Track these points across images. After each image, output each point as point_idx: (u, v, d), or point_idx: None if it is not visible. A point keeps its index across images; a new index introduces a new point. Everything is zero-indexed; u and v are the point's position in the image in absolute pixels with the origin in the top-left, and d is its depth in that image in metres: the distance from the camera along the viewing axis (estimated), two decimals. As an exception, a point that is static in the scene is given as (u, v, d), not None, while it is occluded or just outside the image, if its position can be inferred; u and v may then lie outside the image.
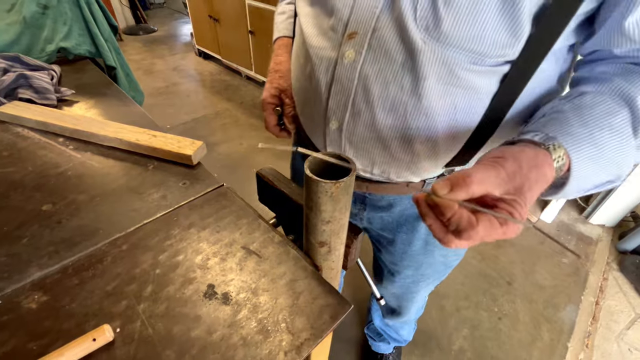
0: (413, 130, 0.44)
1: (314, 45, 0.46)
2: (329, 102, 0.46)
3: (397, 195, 0.56)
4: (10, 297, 0.40)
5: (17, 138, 0.66)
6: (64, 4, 0.93)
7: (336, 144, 0.50)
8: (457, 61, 0.38)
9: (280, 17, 0.66)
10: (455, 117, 0.42)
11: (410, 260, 0.66)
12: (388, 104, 0.42)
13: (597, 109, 0.34)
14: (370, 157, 0.49)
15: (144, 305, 0.40)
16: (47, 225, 0.49)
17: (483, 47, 0.36)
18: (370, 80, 0.42)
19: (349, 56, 0.42)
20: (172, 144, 0.62)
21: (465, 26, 0.35)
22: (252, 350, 0.36)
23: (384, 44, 0.39)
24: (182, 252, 0.46)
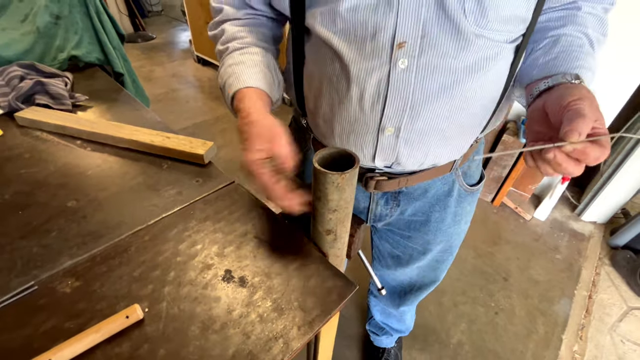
0: (466, 111, 0.49)
1: (360, 64, 0.46)
2: (385, 111, 0.48)
3: (430, 180, 0.62)
4: (46, 283, 0.44)
5: (37, 141, 0.70)
6: (75, 14, 0.98)
7: (390, 148, 0.53)
8: (499, 42, 0.45)
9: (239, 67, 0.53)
10: (492, 88, 0.50)
11: (443, 235, 0.71)
12: (446, 95, 0.47)
13: (574, 46, 0.46)
14: (426, 150, 0.53)
15: (169, 288, 0.44)
16: (73, 220, 0.53)
17: (514, 25, 0.44)
18: (426, 80, 0.46)
19: (403, 64, 0.45)
20: (184, 145, 0.66)
21: (502, 11, 0.42)
22: (269, 325, 0.40)
23: (436, 44, 0.43)
24: (200, 242, 0.50)
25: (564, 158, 0.37)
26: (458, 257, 1.62)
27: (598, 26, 0.49)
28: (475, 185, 0.69)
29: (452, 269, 1.57)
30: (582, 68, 0.43)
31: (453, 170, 0.62)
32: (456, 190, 0.65)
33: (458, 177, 0.64)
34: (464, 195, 0.68)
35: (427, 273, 0.86)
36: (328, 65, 0.50)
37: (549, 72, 0.45)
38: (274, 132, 0.45)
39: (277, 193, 0.43)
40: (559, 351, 1.29)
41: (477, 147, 0.64)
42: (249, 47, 0.55)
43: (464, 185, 0.66)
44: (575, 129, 0.35)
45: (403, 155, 0.53)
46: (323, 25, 0.47)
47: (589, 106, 0.36)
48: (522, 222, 1.84)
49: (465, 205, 0.69)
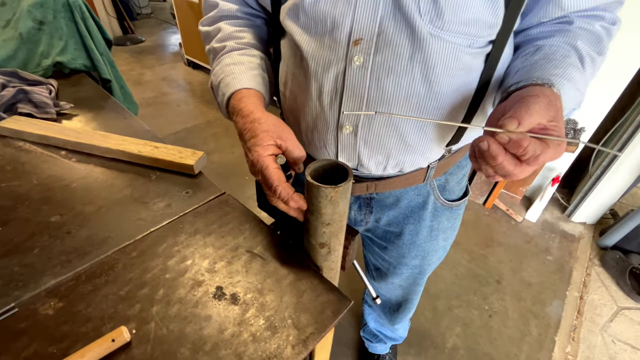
0: (426, 116, 0.48)
1: (317, 58, 0.47)
2: (342, 108, 0.48)
3: (403, 189, 0.60)
4: (27, 305, 0.42)
5: (20, 152, 0.67)
6: (60, 20, 0.95)
7: (350, 147, 0.52)
8: (458, 46, 0.43)
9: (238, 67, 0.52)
10: (458, 96, 0.48)
11: (418, 249, 0.69)
12: (402, 96, 0.46)
13: (557, 55, 0.44)
14: (386, 153, 0.52)
15: (157, 307, 0.42)
16: (57, 236, 0.51)
17: (476, 29, 0.43)
18: (382, 79, 0.45)
19: (358, 61, 0.44)
20: (173, 155, 0.64)
21: (462, 13, 0.41)
22: (262, 345, 0.39)
23: (391, 43, 0.43)
24: (190, 257, 0.49)
25: (499, 150, 0.34)
26: (452, 261, 1.63)
27: (592, 43, 0.46)
28: (455, 201, 0.66)
29: (447, 272, 1.58)
30: (558, 77, 0.41)
31: (427, 182, 0.60)
32: (431, 203, 0.63)
33: (433, 189, 0.62)
34: (442, 210, 0.65)
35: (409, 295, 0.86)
36: (294, 60, 0.51)
37: (522, 77, 0.42)
38: (281, 128, 0.45)
39: (286, 192, 0.42)
40: (552, 353, 1.30)
41: (456, 160, 0.62)
42: (248, 48, 0.55)
43: (441, 199, 0.64)
44: (515, 117, 0.33)
45: (364, 155, 0.52)
46: (289, 19, 0.49)
47: (544, 104, 0.34)
48: (514, 224, 1.86)
49: (442, 220, 0.66)
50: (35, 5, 0.90)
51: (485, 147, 0.34)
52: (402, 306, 0.91)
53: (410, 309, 0.92)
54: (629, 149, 1.57)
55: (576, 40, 0.45)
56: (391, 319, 0.98)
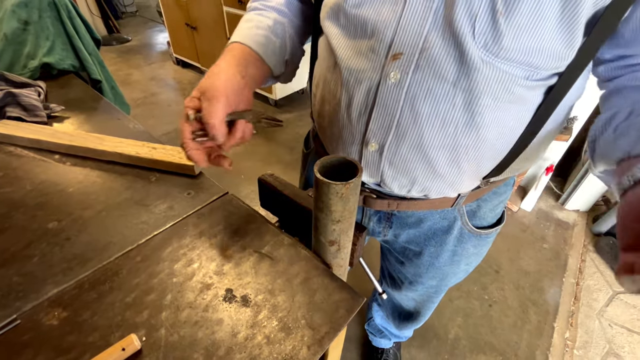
0: (461, 147, 0.43)
1: (351, 68, 0.43)
2: (369, 125, 0.44)
3: (427, 211, 0.56)
4: (30, 316, 0.40)
5: (11, 157, 0.65)
6: (46, 19, 0.92)
7: (374, 165, 0.48)
8: (513, 77, 0.37)
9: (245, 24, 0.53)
10: (503, 131, 0.42)
11: (436, 272, 0.65)
12: (438, 123, 0.41)
13: None
14: (412, 177, 0.48)
15: (166, 313, 0.41)
16: (56, 243, 0.49)
17: (540, 60, 0.36)
18: (418, 101, 0.40)
19: (394, 77, 0.40)
20: (172, 156, 0.63)
21: (525, 39, 0.34)
22: (277, 347, 0.38)
23: (435, 63, 0.38)
24: (197, 259, 0.48)
25: None
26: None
27: None
28: (486, 229, 0.60)
29: (445, 264, 1.59)
30: None
31: (455, 207, 0.55)
32: (457, 228, 0.58)
33: (462, 215, 0.57)
34: (468, 236, 0.60)
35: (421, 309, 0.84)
36: (327, 64, 0.48)
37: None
38: (212, 89, 0.42)
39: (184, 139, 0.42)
40: (551, 339, 1.33)
41: (493, 187, 0.55)
42: (266, 10, 0.54)
43: (469, 225, 0.58)
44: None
45: (387, 176, 0.49)
46: (329, 20, 0.45)
47: None
48: (510, 214, 1.88)
49: (467, 246, 0.61)
50: (19, 4, 0.87)
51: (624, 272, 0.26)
52: (412, 316, 0.89)
53: (420, 320, 0.90)
54: (620, 136, 1.59)
55: None
56: (398, 325, 0.96)
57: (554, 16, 0.33)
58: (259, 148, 2.28)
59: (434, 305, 0.83)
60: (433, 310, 0.88)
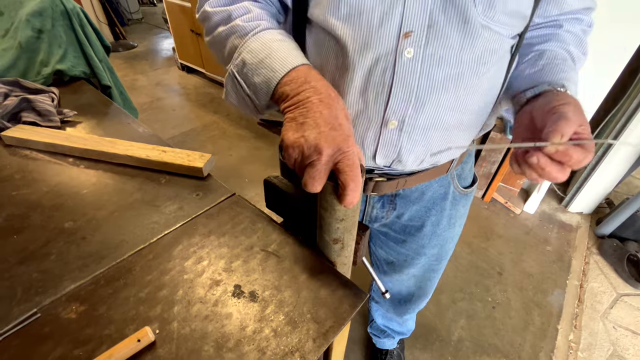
0: (469, 108, 0.50)
1: (365, 52, 0.45)
2: (389, 103, 0.47)
3: (428, 182, 0.62)
4: (49, 310, 0.42)
5: (27, 160, 0.68)
6: (58, 28, 0.95)
7: (392, 144, 0.51)
8: (503, 36, 0.45)
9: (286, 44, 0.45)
10: (492, 86, 0.50)
11: (438, 238, 0.71)
12: (451, 87, 0.47)
13: (558, 60, 0.48)
14: (428, 147, 0.52)
15: (178, 307, 0.43)
16: (72, 242, 0.51)
17: (518, 21, 0.45)
18: (432, 70, 0.45)
19: (409, 53, 0.44)
20: (182, 158, 0.65)
21: (510, 4, 0.43)
22: (284, 339, 0.40)
23: (442, 34, 0.43)
24: (206, 257, 0.50)
25: (547, 161, 0.37)
26: (454, 254, 1.64)
27: (578, 45, 0.51)
28: (468, 188, 0.70)
29: (449, 266, 1.59)
30: (566, 80, 0.45)
31: (450, 172, 0.63)
32: (451, 192, 0.66)
33: (453, 178, 0.65)
34: (459, 198, 0.68)
35: (423, 283, 0.86)
36: (330, 58, 0.49)
37: (535, 82, 0.46)
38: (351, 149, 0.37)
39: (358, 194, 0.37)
40: (555, 341, 1.33)
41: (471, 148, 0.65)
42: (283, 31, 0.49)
43: (459, 187, 0.67)
44: (558, 130, 0.36)
45: (405, 150, 0.52)
46: (328, 13, 0.45)
47: (573, 110, 0.38)
48: (513, 216, 1.88)
49: (459, 207, 0.70)
50: (34, 14, 0.90)
51: (535, 161, 0.37)
52: (414, 296, 0.91)
53: (422, 299, 0.92)
54: (621, 138, 1.60)
55: (568, 45, 0.50)
56: (400, 311, 0.98)
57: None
58: (262, 152, 2.31)
59: (436, 277, 0.85)
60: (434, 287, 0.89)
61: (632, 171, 1.70)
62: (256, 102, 0.45)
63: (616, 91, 1.60)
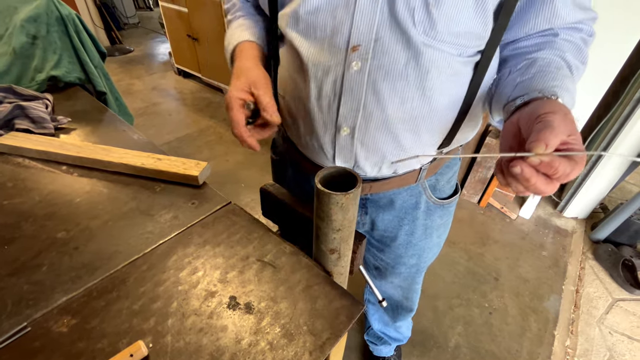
0: (420, 119, 0.51)
1: (317, 62, 0.49)
2: (340, 111, 0.51)
3: (396, 189, 0.62)
4: (40, 323, 0.41)
5: (19, 168, 0.67)
6: (53, 34, 0.95)
7: (347, 149, 0.54)
8: (449, 54, 0.46)
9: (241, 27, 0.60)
10: (450, 102, 0.51)
11: (414, 248, 0.72)
12: (397, 100, 0.48)
13: (552, 67, 0.46)
14: (382, 154, 0.54)
15: (172, 320, 0.42)
16: (64, 252, 0.50)
17: (466, 40, 0.46)
18: (378, 83, 0.47)
19: (356, 66, 0.47)
20: (177, 166, 0.65)
21: (453, 25, 0.43)
22: (280, 353, 0.40)
23: (387, 49, 0.45)
24: (201, 268, 0.49)
25: (531, 172, 0.34)
26: (450, 260, 1.65)
27: (576, 53, 0.49)
28: (446, 199, 0.69)
29: (445, 272, 1.59)
30: (559, 88, 0.42)
31: (419, 182, 0.63)
32: (423, 202, 0.66)
33: (425, 189, 0.64)
34: (434, 208, 0.68)
35: (409, 294, 0.88)
36: (293, 66, 0.54)
37: (525, 90, 0.44)
38: (261, 81, 0.51)
39: (240, 134, 0.49)
40: (552, 347, 1.33)
41: (445, 161, 0.65)
42: (254, 15, 0.63)
43: (432, 197, 0.66)
44: (542, 139, 0.33)
45: (360, 157, 0.55)
46: (288, 26, 0.51)
47: (561, 119, 0.35)
48: (509, 222, 1.89)
49: (435, 218, 0.69)
50: (28, 19, 0.89)
51: (518, 171, 0.34)
52: (403, 304, 0.93)
53: (411, 307, 0.94)
54: (615, 144, 1.61)
55: (565, 52, 0.48)
56: (393, 316, 1.00)
57: (470, 6, 0.43)
58: (259, 157, 2.30)
59: (419, 287, 0.88)
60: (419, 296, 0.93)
61: (625, 176, 1.72)
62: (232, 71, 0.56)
63: (608, 98, 1.63)
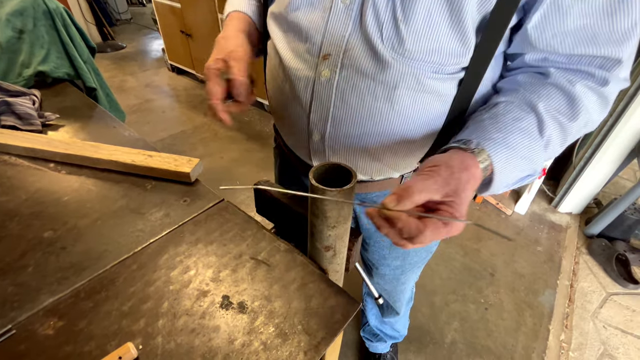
0: (390, 133, 0.49)
1: (292, 67, 0.49)
2: (310, 116, 0.51)
3: (379, 192, 0.61)
4: (25, 326, 0.40)
5: (5, 166, 0.65)
6: (41, 28, 0.92)
7: (320, 152, 0.54)
8: (422, 71, 0.43)
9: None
10: (425, 118, 0.48)
11: (398, 250, 0.71)
12: (365, 113, 0.47)
13: (508, 117, 0.40)
14: (353, 162, 0.54)
15: (163, 321, 0.41)
16: (51, 252, 0.49)
17: (441, 58, 0.42)
18: (346, 94, 0.47)
19: (325, 74, 0.46)
20: (169, 163, 0.63)
21: (424, 42, 0.41)
22: (274, 353, 0.39)
23: (356, 62, 0.44)
24: (193, 267, 0.48)
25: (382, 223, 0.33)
26: (446, 256, 1.65)
27: (562, 106, 0.40)
28: None
29: (442, 268, 1.59)
30: (494, 142, 0.37)
31: None
32: None
33: None
34: None
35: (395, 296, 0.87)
36: (274, 63, 0.54)
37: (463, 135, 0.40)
38: (236, 51, 0.50)
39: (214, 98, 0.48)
40: (547, 341, 1.33)
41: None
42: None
43: None
44: (397, 193, 0.31)
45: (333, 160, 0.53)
46: (273, 23, 0.52)
47: (443, 178, 0.32)
48: (504, 217, 1.90)
49: None
50: (14, 13, 0.87)
51: (369, 217, 0.34)
52: (389, 306, 0.93)
53: (398, 308, 0.93)
54: (609, 140, 1.62)
55: (539, 101, 0.40)
56: (383, 313, 1.01)
57: (444, 23, 0.39)
58: (254, 154, 2.28)
59: (405, 288, 0.86)
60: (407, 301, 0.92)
61: (619, 172, 1.73)
62: None
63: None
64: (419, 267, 0.80)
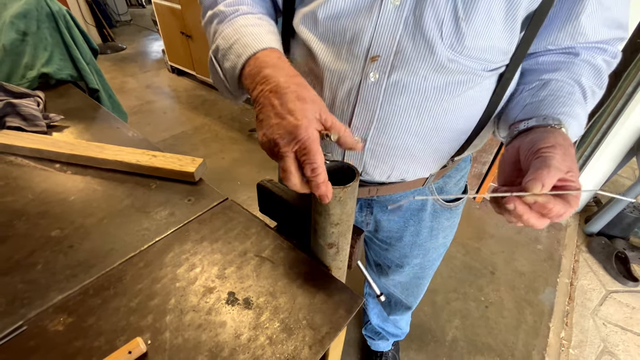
0: (437, 132, 0.49)
1: (333, 69, 0.47)
2: (352, 121, 0.49)
3: (402, 192, 0.61)
4: (35, 322, 0.41)
5: (11, 167, 0.66)
6: (44, 30, 0.93)
7: (356, 158, 0.53)
8: (474, 69, 0.44)
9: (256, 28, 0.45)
10: (469, 114, 0.49)
11: (419, 248, 0.71)
12: (413, 114, 0.46)
13: (564, 91, 0.44)
14: (392, 164, 0.53)
15: (170, 317, 0.42)
16: (59, 251, 0.50)
17: (492, 55, 0.44)
18: (395, 96, 0.45)
19: (373, 77, 0.45)
20: (173, 163, 0.64)
21: (480, 40, 0.41)
22: (279, 347, 0.40)
23: (407, 62, 0.43)
24: (199, 264, 0.49)
25: (524, 209, 0.34)
26: (447, 255, 1.65)
27: (594, 77, 0.47)
28: (453, 202, 0.68)
29: (443, 267, 1.60)
30: (566, 115, 0.41)
31: (426, 186, 0.62)
32: (430, 205, 0.65)
33: (432, 192, 0.64)
34: (441, 211, 0.67)
35: (409, 290, 0.87)
36: (307, 66, 0.51)
37: (531, 114, 0.43)
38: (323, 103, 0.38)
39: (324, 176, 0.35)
40: (547, 339, 1.34)
41: (454, 165, 0.63)
42: (263, 15, 0.50)
43: (439, 200, 0.65)
44: (539, 180, 0.32)
45: (369, 165, 0.53)
46: (305, 27, 0.48)
47: (561, 155, 0.34)
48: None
49: (442, 220, 0.68)
50: (18, 16, 0.88)
51: (511, 207, 0.34)
52: (402, 302, 0.93)
53: (410, 304, 0.94)
54: (608, 138, 1.63)
55: (580, 76, 0.46)
56: (389, 310, 1.00)
57: (500, 20, 0.41)
58: (255, 154, 2.29)
59: (422, 288, 0.87)
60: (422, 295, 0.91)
61: (618, 170, 1.74)
62: (230, 88, 0.47)
63: (602, 92, 1.64)
64: (436, 263, 0.80)
